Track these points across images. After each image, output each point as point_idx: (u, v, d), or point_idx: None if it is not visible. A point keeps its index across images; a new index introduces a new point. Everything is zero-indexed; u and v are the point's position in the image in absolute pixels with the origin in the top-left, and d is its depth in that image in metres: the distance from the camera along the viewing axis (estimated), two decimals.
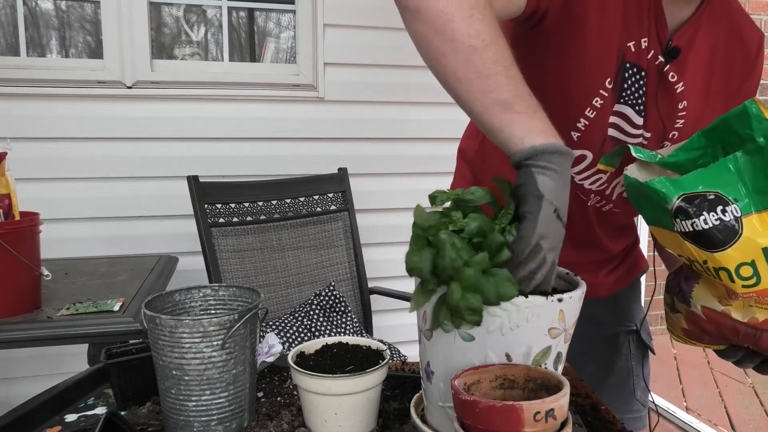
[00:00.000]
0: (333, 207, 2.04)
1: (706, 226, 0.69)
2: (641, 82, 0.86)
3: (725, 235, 0.69)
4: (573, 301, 0.63)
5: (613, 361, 1.13)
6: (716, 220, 0.69)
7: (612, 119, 0.88)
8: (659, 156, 0.80)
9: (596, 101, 0.86)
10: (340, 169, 2.10)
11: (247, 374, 0.75)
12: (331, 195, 2.04)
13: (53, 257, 1.74)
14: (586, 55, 0.83)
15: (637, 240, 1.14)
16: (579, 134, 0.89)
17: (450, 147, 2.36)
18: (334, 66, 2.25)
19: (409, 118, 2.34)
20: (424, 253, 0.60)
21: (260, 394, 0.87)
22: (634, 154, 0.80)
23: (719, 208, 0.69)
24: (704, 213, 0.69)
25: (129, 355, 0.84)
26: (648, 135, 0.91)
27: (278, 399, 0.86)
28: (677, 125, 0.92)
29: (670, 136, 0.92)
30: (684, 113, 0.90)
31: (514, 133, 0.64)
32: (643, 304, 1.20)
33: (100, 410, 0.83)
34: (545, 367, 0.63)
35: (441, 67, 0.69)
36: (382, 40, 2.27)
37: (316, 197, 2.01)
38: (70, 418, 0.81)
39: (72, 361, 1.68)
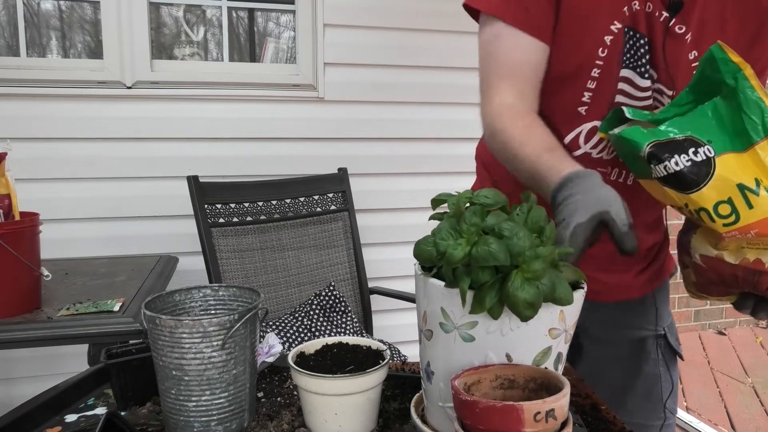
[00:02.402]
0: (333, 207, 2.04)
1: (677, 168, 0.71)
2: (641, 42, 0.89)
3: (698, 175, 0.71)
4: (573, 301, 0.63)
5: (640, 366, 1.11)
6: (687, 161, 0.71)
7: (619, 86, 0.91)
8: (651, 114, 0.81)
9: (594, 72, 0.90)
10: (340, 169, 2.10)
11: (247, 374, 0.75)
12: (331, 195, 2.04)
13: (53, 257, 1.74)
14: (575, 31, 0.88)
15: (667, 240, 1.13)
16: (586, 107, 0.93)
17: (450, 147, 2.38)
18: (334, 66, 2.25)
19: (409, 118, 2.34)
20: (494, 242, 0.59)
21: (260, 394, 0.87)
22: (627, 115, 0.82)
23: (690, 150, 0.72)
24: (675, 156, 0.72)
25: (129, 356, 0.84)
26: (670, 93, 0.93)
27: (278, 399, 0.86)
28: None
29: None
30: (696, 64, 0.91)
31: (543, 188, 0.78)
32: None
33: (100, 410, 0.83)
34: (545, 368, 0.63)
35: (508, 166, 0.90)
36: (382, 40, 2.27)
37: (316, 197, 2.01)
38: (70, 418, 0.81)
39: (72, 361, 1.68)
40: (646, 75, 0.91)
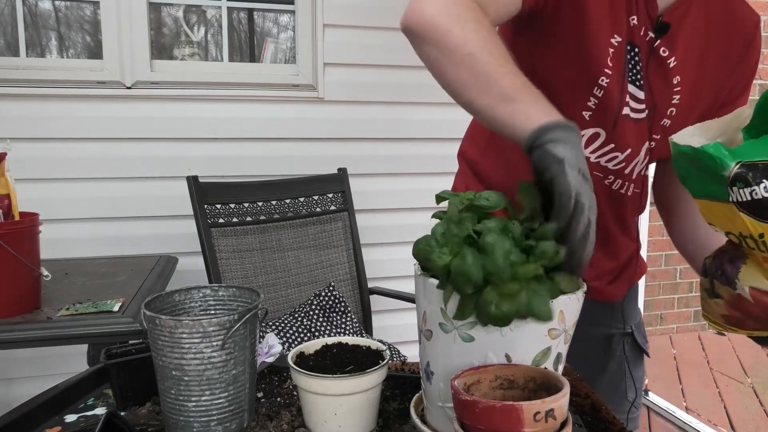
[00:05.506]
0: (333, 207, 2.04)
1: (767, 195, 0.66)
2: (636, 59, 0.89)
3: None
4: (573, 301, 0.63)
5: (606, 362, 1.14)
6: None
7: (627, 98, 0.90)
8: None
9: (602, 80, 0.89)
10: (339, 170, 2.10)
11: (246, 374, 0.75)
12: (330, 195, 2.04)
13: (53, 257, 1.74)
14: (586, 38, 0.86)
15: (639, 245, 1.14)
16: (590, 113, 0.92)
17: (450, 147, 2.37)
18: (334, 66, 2.25)
19: (409, 118, 2.34)
20: (470, 257, 0.58)
21: (260, 395, 0.87)
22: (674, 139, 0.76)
23: None
24: (765, 180, 0.66)
25: (129, 356, 0.84)
26: (646, 112, 0.93)
27: (278, 399, 0.86)
28: (674, 101, 0.93)
29: (668, 113, 0.94)
30: (679, 89, 0.92)
31: (520, 121, 0.69)
32: (640, 306, 1.20)
33: (100, 410, 0.83)
34: (545, 368, 0.63)
35: (446, 79, 0.76)
36: (382, 40, 2.27)
37: (315, 197, 2.01)
38: (70, 418, 0.81)
39: (72, 361, 1.68)
40: (642, 89, 0.91)
